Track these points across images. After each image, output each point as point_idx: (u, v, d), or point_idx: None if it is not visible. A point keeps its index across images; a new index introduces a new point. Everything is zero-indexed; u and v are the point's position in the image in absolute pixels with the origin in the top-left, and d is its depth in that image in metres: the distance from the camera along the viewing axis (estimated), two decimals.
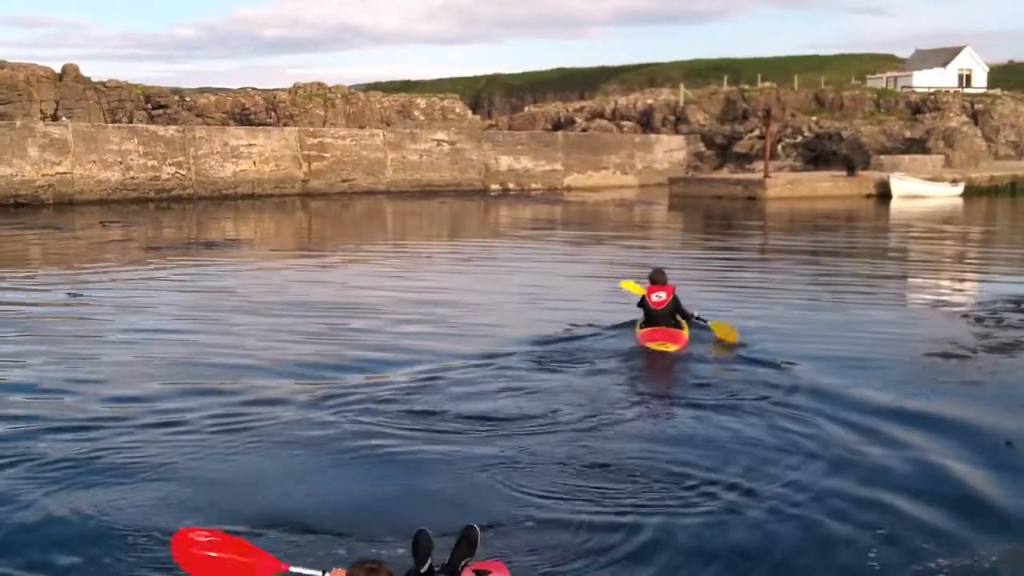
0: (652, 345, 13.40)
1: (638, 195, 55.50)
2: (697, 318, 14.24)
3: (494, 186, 57.75)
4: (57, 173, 45.23)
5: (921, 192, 49.33)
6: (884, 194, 48.86)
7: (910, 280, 23.21)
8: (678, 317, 13.98)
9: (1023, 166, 59.37)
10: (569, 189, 59.14)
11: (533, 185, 59.04)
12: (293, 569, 5.85)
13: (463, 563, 6.19)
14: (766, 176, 51.06)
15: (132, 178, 47.12)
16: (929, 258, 27.45)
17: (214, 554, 5.75)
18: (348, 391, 11.46)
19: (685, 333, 13.74)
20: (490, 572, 6.23)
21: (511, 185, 58.43)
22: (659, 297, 13.87)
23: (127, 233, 33.32)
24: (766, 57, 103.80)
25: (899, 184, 49.14)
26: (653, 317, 13.87)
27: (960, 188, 50.97)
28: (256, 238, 32.86)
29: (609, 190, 58.49)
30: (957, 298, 19.93)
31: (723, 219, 40.73)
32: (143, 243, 30.09)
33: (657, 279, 14.17)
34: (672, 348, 13.30)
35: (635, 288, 14.91)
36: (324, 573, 5.74)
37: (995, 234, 36.04)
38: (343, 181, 52.84)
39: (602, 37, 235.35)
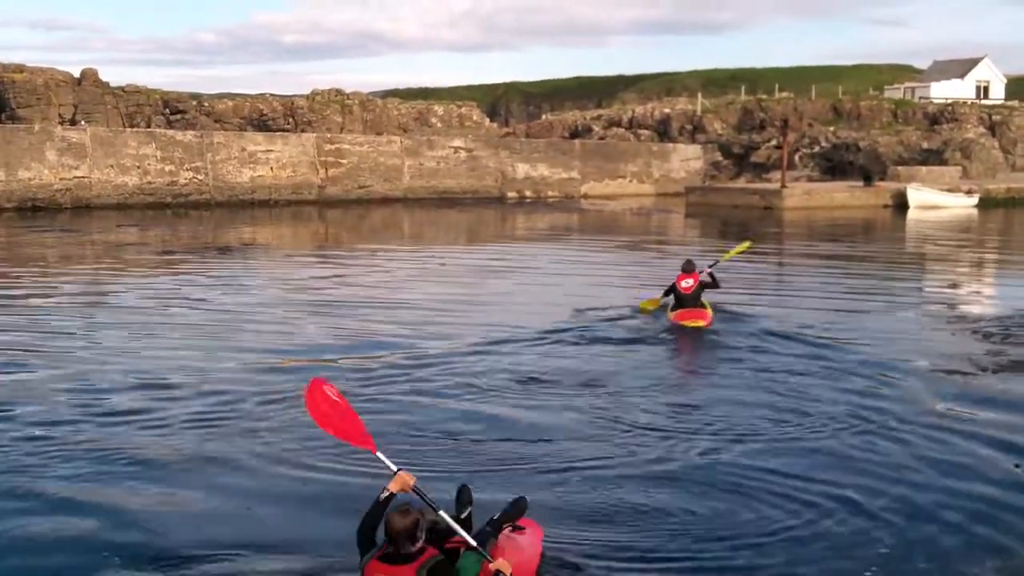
0: (684, 323, 15.97)
1: (655, 204, 55.48)
2: (712, 265, 17.70)
3: (511, 193, 57.77)
4: (75, 177, 45.46)
5: (937, 202, 49.23)
6: (901, 204, 48.73)
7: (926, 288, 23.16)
8: (703, 300, 16.58)
9: None
10: (586, 197, 59.12)
11: (550, 193, 59.03)
12: (378, 454, 6.56)
13: (506, 524, 6.93)
14: (783, 186, 50.96)
15: (149, 183, 47.32)
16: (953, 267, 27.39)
17: (328, 410, 6.68)
18: None
19: (709, 312, 16.29)
20: (526, 528, 7.09)
21: (528, 193, 58.45)
22: (687, 283, 16.55)
23: (143, 237, 33.49)
24: (784, 67, 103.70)
25: (916, 195, 49.04)
26: (682, 300, 16.52)
27: (975, 199, 50.83)
28: (278, 242, 32.92)
29: (626, 198, 58.44)
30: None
31: (740, 228, 40.66)
32: (159, 247, 30.24)
33: (687, 268, 16.78)
34: (701, 323, 15.93)
35: (651, 304, 17.40)
36: (397, 470, 6.33)
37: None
38: (360, 187, 52.93)
39: (620, 46, 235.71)
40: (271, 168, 50.52)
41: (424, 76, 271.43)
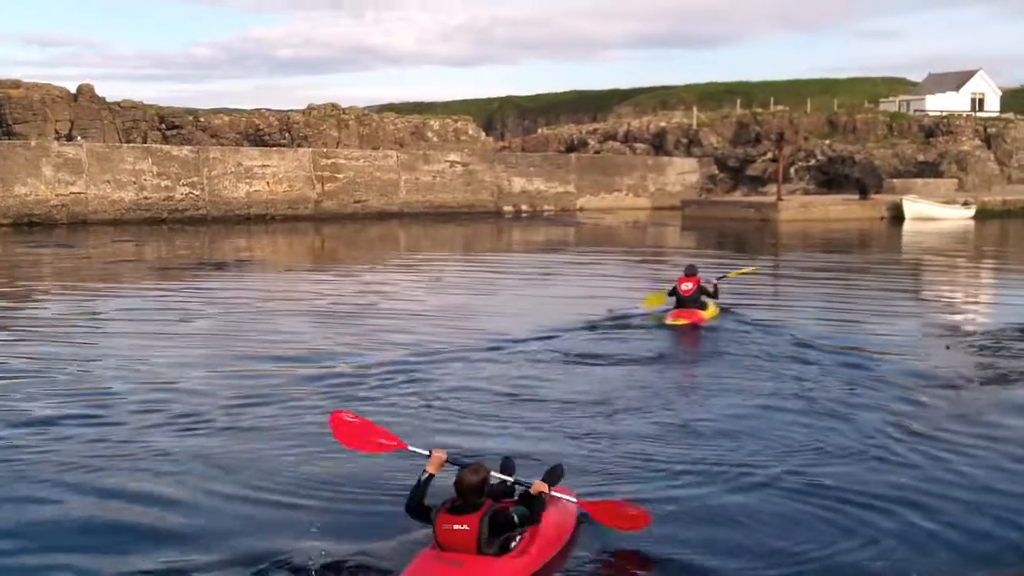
0: (670, 321, 17.33)
1: (651, 217, 55.56)
2: (720, 278, 19.19)
3: (507, 207, 57.84)
4: (71, 193, 45.45)
5: (933, 214, 49.36)
6: (897, 217, 48.84)
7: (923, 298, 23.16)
8: (703, 300, 17.90)
9: None
10: (582, 211, 59.18)
11: (546, 207, 59.11)
12: (410, 447, 7.64)
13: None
14: (779, 199, 51.08)
15: (146, 198, 47.31)
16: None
17: (353, 433, 7.71)
18: None
19: (705, 314, 17.66)
20: (560, 498, 7.77)
21: (524, 207, 58.52)
22: (687, 287, 17.77)
23: (139, 252, 33.50)
24: (779, 80, 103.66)
25: (912, 207, 49.18)
26: (682, 301, 17.73)
27: (971, 210, 50.97)
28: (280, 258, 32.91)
29: (622, 212, 58.53)
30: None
31: (736, 241, 40.74)
32: (155, 263, 30.24)
33: (688, 272, 18.05)
34: (684, 322, 17.27)
35: (656, 300, 18.53)
36: (430, 452, 7.38)
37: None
38: (356, 202, 52.95)
39: (615, 60, 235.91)
40: (267, 183, 50.53)
41: (420, 90, 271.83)
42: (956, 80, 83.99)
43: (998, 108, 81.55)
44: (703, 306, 17.81)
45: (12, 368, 13.88)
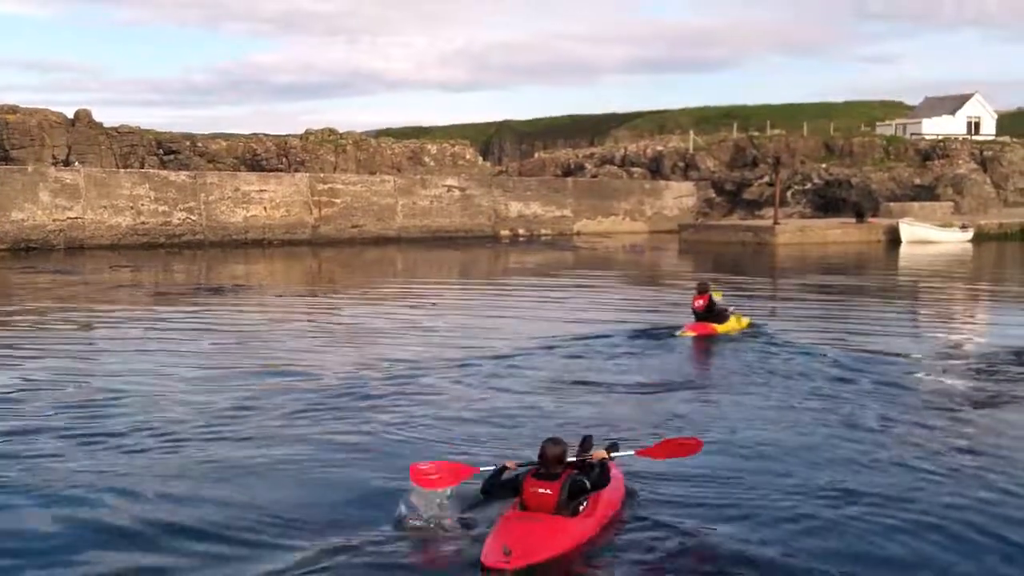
0: (680, 334, 18.64)
1: (648, 241, 55.57)
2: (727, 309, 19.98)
3: (504, 232, 57.85)
4: (68, 218, 45.44)
5: (930, 238, 49.45)
6: (894, 240, 48.92)
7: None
8: (723, 313, 19.36)
9: None
10: (579, 235, 59.19)
11: (543, 231, 59.12)
12: (483, 469, 8.70)
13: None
14: (776, 223, 51.14)
15: (143, 223, 47.31)
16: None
17: (434, 476, 8.53)
18: None
19: (715, 326, 18.94)
20: (613, 471, 8.94)
21: (521, 231, 58.54)
22: (699, 303, 19.25)
23: (136, 278, 33.50)
24: (776, 104, 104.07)
25: (908, 230, 49.28)
26: (696, 315, 19.20)
27: (970, 233, 51.07)
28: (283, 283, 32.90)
29: (619, 236, 58.57)
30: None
31: (733, 264, 40.77)
32: (152, 288, 30.22)
33: (700, 289, 19.53)
34: (691, 334, 18.61)
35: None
36: (503, 465, 8.66)
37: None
38: (353, 227, 52.97)
39: (612, 84, 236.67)
40: (264, 208, 50.55)
41: (417, 115, 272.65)
42: (952, 104, 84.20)
43: (994, 132, 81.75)
44: (719, 319, 19.15)
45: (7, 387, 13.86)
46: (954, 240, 50.14)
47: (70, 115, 58.80)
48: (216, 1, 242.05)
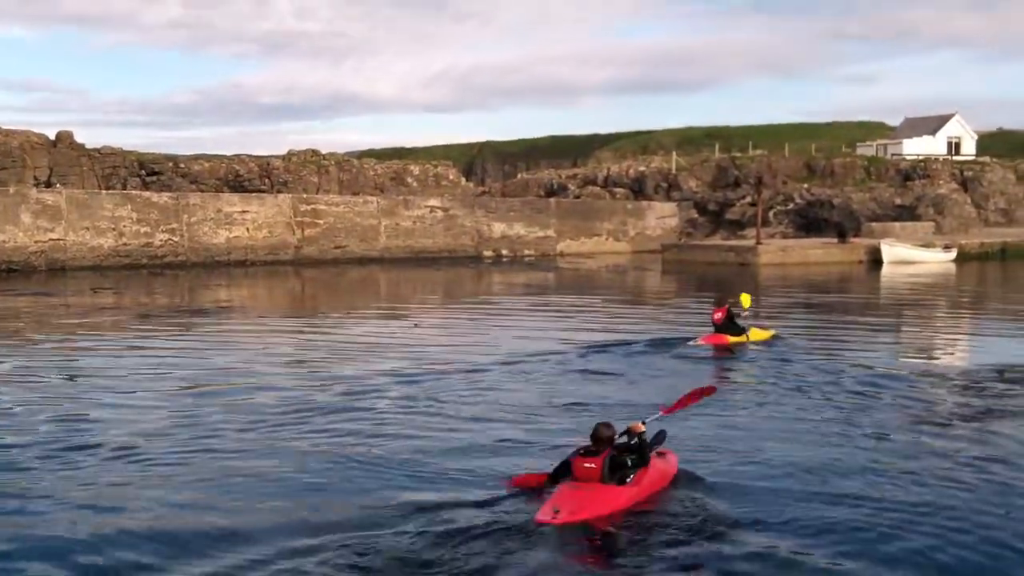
0: (692, 344, 20.18)
1: (631, 261, 55.66)
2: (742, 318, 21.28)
3: (487, 252, 57.86)
4: (50, 239, 45.30)
5: (912, 258, 49.52)
6: (876, 260, 49.05)
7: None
8: (741, 325, 20.67)
9: (1013, 233, 59.66)
10: (562, 255, 59.26)
11: (526, 251, 59.18)
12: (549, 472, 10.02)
13: (654, 448, 10.42)
14: (758, 243, 51.27)
15: (125, 244, 47.18)
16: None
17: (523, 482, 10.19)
18: None
19: (729, 338, 20.30)
20: (666, 454, 10.66)
21: (504, 251, 58.57)
22: (718, 316, 20.63)
23: (120, 300, 33.37)
24: (758, 125, 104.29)
25: (890, 250, 49.36)
26: (714, 328, 20.57)
27: (953, 253, 51.21)
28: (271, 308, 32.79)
29: (602, 256, 58.65)
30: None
31: (716, 284, 40.82)
32: (135, 310, 30.10)
33: (717, 303, 21.25)
34: (702, 344, 20.13)
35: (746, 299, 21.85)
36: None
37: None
38: (336, 248, 52.93)
39: (594, 105, 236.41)
40: (247, 229, 50.48)
41: (400, 136, 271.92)
42: (933, 124, 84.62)
43: (974, 152, 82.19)
44: (736, 332, 20.50)
45: None
46: (937, 260, 50.27)
47: (52, 136, 58.57)
48: (202, 23, 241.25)
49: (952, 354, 21.82)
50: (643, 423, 10.34)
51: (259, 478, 10.78)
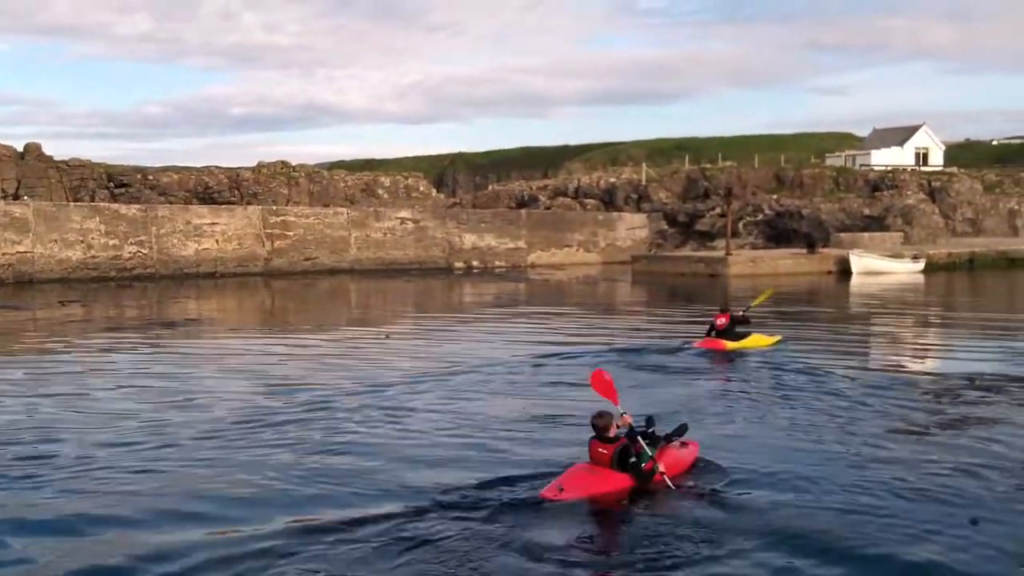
0: (696, 346, 21.44)
1: (602, 272, 55.73)
2: (745, 309, 23.14)
3: (458, 264, 57.79)
4: (17, 252, 44.95)
5: (881, 268, 49.75)
6: (845, 270, 49.27)
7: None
8: (743, 331, 21.89)
9: (980, 243, 60.15)
10: (533, 266, 59.26)
11: (497, 263, 59.14)
12: (619, 404, 11.24)
13: (676, 438, 11.33)
14: (728, 254, 51.43)
15: (93, 257, 46.88)
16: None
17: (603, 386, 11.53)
18: None
19: (726, 343, 21.31)
20: (688, 443, 11.59)
21: (475, 263, 58.51)
22: (721, 321, 21.66)
23: (86, 312, 33.13)
24: (727, 136, 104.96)
25: (859, 261, 49.59)
26: (717, 333, 21.57)
27: (921, 264, 51.50)
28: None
29: (573, 267, 58.71)
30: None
31: (686, 295, 40.96)
32: (102, 323, 29.89)
33: (723, 309, 22.14)
34: (701, 347, 21.24)
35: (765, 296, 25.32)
36: (623, 412, 11.08)
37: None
38: (306, 259, 52.76)
39: (565, 117, 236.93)
40: (216, 241, 50.25)
41: (372, 148, 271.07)
42: (901, 135, 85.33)
43: (942, 162, 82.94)
44: (738, 337, 21.57)
45: None
46: (905, 270, 50.54)
47: (20, 148, 58.13)
48: (173, 36, 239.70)
49: (923, 362, 21.92)
50: (630, 415, 11.10)
51: (222, 487, 10.90)
